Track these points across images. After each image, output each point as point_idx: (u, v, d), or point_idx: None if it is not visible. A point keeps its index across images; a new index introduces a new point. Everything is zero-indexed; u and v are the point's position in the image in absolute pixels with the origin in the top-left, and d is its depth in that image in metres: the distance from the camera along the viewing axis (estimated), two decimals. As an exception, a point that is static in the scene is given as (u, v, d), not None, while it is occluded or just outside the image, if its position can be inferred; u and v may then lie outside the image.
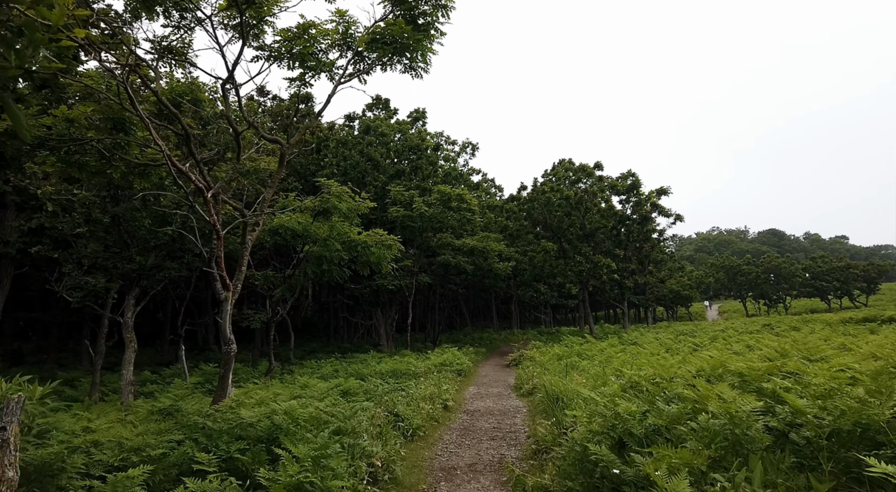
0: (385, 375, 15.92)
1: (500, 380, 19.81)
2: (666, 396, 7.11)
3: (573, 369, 16.09)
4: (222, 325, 8.48)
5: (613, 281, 34.88)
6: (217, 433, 5.70)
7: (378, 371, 16.56)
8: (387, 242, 15.29)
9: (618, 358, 17.90)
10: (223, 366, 8.43)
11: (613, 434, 5.03)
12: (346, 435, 6.15)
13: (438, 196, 26.66)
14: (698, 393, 5.31)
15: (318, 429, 5.94)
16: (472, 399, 14.94)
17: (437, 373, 17.37)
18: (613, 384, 10.07)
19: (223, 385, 8.34)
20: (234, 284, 8.92)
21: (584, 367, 16.15)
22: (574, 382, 12.34)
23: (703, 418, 4.47)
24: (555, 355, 20.15)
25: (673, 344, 21.04)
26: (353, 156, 28.53)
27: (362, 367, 17.89)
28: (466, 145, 38.53)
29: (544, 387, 11.28)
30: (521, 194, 35.27)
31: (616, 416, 5.18)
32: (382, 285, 27.13)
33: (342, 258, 14.64)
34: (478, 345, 35.00)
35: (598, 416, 5.59)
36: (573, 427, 7.98)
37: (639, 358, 16.20)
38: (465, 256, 29.45)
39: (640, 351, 19.04)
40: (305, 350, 34.15)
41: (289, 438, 5.48)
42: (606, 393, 7.09)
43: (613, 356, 18.61)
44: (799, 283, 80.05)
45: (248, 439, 5.64)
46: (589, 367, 16.14)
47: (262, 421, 5.97)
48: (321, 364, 22.33)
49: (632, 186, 35.24)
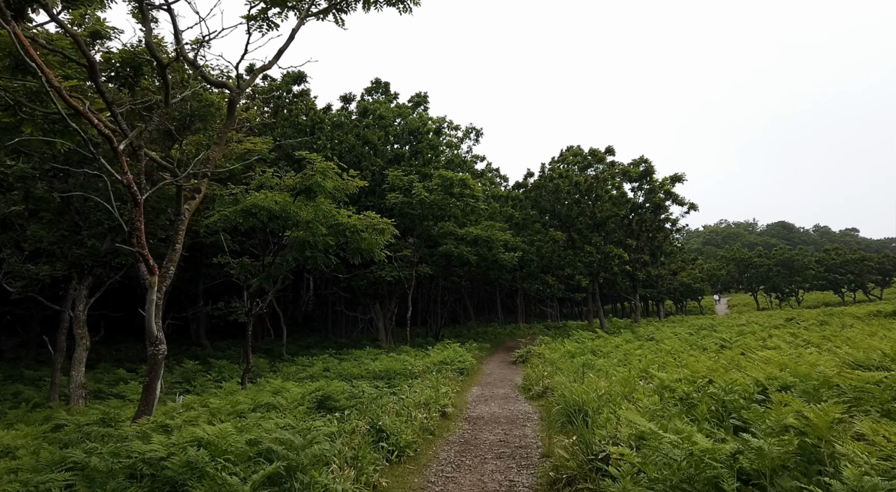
0: (377, 375, 14.20)
1: (506, 379, 18.09)
2: (732, 411, 5.34)
3: (589, 368, 14.33)
4: (147, 319, 6.73)
5: (625, 273, 33.06)
6: (101, 475, 4.00)
7: (370, 371, 14.85)
8: (379, 225, 13.52)
9: (637, 356, 16.12)
10: (148, 373, 6.65)
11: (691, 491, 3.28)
12: (299, 470, 4.44)
13: (440, 181, 24.87)
14: (806, 419, 3.56)
15: (252, 467, 4.23)
16: (475, 403, 13.21)
17: (436, 373, 15.65)
18: (649, 393, 8.32)
19: (147, 397, 6.61)
20: (165, 266, 7.19)
21: (602, 366, 14.39)
22: (594, 385, 10.59)
23: (851, 473, 2.72)
24: (566, 352, 18.40)
25: (696, 340, 19.24)
26: (349, 139, 26.74)
27: (354, 366, 16.19)
28: (470, 131, 36.66)
29: (563, 396, 9.51)
30: (527, 181, 33.40)
31: (695, 461, 3.42)
32: (381, 277, 25.41)
33: (328, 244, 12.91)
34: (482, 340, 33.28)
35: (654, 452, 3.85)
36: (603, 451, 6.22)
37: (663, 356, 14.43)
38: (468, 245, 27.67)
39: (661, 348, 17.26)
40: (301, 345, 32.52)
41: (204, 484, 3.78)
42: (681, 429, 5.30)
43: (632, 354, 16.83)
44: (812, 275, 77.91)
45: (147, 488, 3.94)
46: (606, 366, 14.37)
47: (175, 455, 4.26)
48: (313, 361, 20.70)
49: (644, 173, 33.31)
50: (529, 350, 23.94)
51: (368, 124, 27.94)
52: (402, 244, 26.87)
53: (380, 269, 25.67)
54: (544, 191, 32.41)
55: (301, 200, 12.46)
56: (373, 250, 14.20)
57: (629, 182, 33.24)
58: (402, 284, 27.08)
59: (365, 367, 15.57)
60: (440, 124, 29.94)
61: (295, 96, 27.50)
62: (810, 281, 78.71)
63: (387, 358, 18.36)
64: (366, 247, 14.10)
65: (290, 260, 12.61)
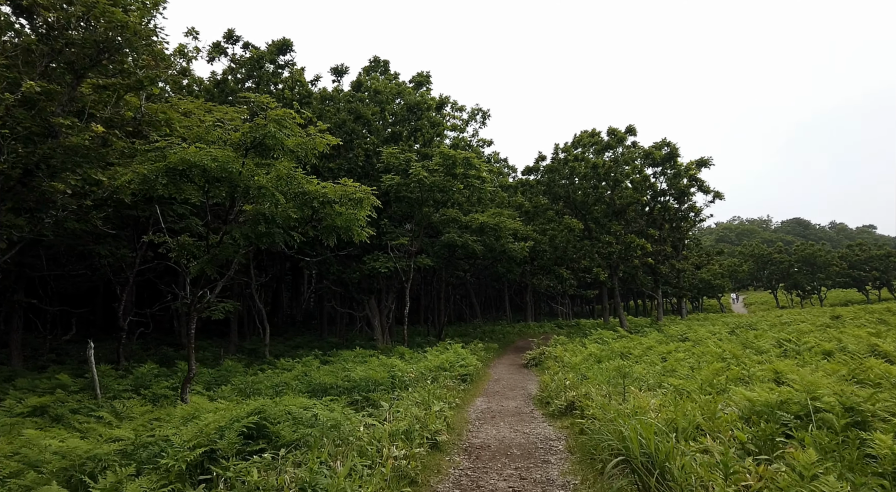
0: (356, 385, 11.28)
1: (517, 386, 15.12)
2: None
3: (624, 376, 11.33)
4: None
5: (646, 266, 29.95)
6: None
7: (351, 379, 11.93)
8: (355, 195, 10.59)
9: (682, 361, 13.09)
10: None
11: None
12: None
13: (441, 160, 21.90)
14: None
15: None
16: (480, 422, 10.27)
17: (431, 381, 12.70)
18: (734, 422, 5.36)
19: None
20: None
21: (640, 375, 11.39)
22: (640, 403, 7.61)
23: None
24: (590, 355, 15.41)
25: (745, 340, 16.14)
26: (341, 115, 23.82)
27: (332, 372, 13.28)
28: (476, 112, 33.58)
29: (602, 422, 6.51)
30: (538, 165, 30.32)
31: None
32: (374, 269, 22.48)
33: (290, 218, 10.02)
34: (488, 340, 30.31)
35: None
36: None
37: (716, 362, 11.41)
38: (473, 234, 24.70)
39: (707, 351, 14.21)
40: (290, 345, 29.68)
41: None
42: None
43: (671, 357, 13.79)
44: (836, 272, 74.27)
45: None
46: (647, 375, 11.36)
47: None
48: (293, 364, 17.93)
49: (668, 156, 30.17)
50: (543, 352, 20.97)
51: (362, 99, 25.00)
52: (399, 232, 23.96)
53: (373, 259, 22.76)
54: (558, 175, 29.34)
55: (253, 160, 9.56)
56: (350, 229, 11.24)
57: (652, 166, 30.09)
58: (399, 277, 24.16)
59: (346, 374, 12.65)
60: (443, 101, 26.92)
61: (279, 67, 24.62)
62: (833, 278, 75.07)
63: (376, 362, 15.44)
64: (341, 224, 11.15)
65: (238, 238, 9.71)
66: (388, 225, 23.83)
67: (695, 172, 30.72)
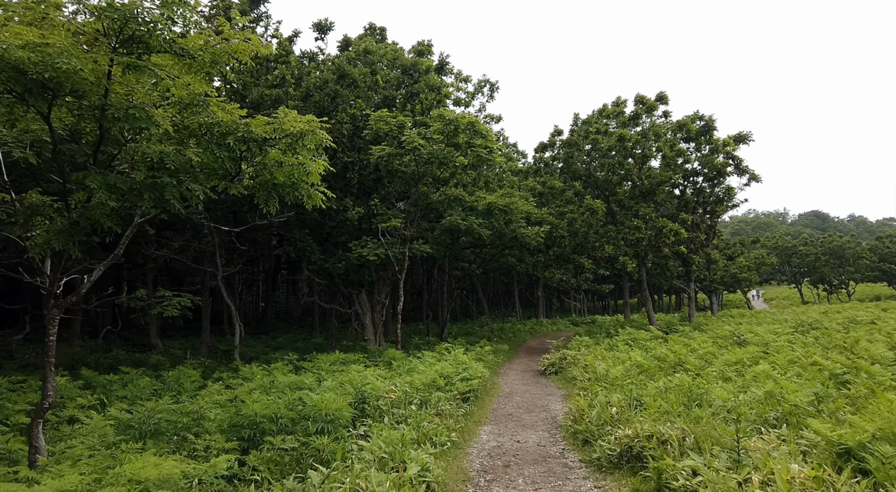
0: (307, 418, 7.59)
1: (537, 406, 11.44)
2: None
3: (704, 403, 7.63)
4: None
5: (678, 255, 26.09)
6: None
7: (295, 410, 8.23)
8: (299, 130, 6.94)
9: (761, 374, 9.33)
10: None
11: None
12: None
13: (441, 125, 18.18)
14: None
15: None
16: (485, 477, 6.66)
17: (419, 406, 9.05)
18: None
19: None
20: None
21: (725, 400, 7.66)
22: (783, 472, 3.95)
23: None
24: (635, 366, 11.65)
25: (836, 341, 12.37)
26: (324, 74, 20.13)
27: (274, 399, 9.63)
28: (483, 84, 29.69)
29: None
30: (554, 140, 26.48)
31: None
32: (362, 256, 18.84)
33: (188, 163, 6.44)
34: (497, 339, 26.62)
35: None
36: None
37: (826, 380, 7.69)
38: (479, 217, 21.00)
39: (794, 359, 10.44)
40: (271, 346, 26.12)
41: None
42: None
43: (750, 371, 10.00)
44: (866, 265, 69.91)
45: None
46: (738, 402, 7.63)
47: None
48: (254, 373, 14.38)
49: (704, 129, 26.24)
50: (564, 356, 17.28)
51: (350, 57, 21.27)
52: (391, 213, 20.30)
53: (361, 245, 19.12)
54: (577, 151, 25.51)
55: (122, 62, 5.94)
56: (297, 188, 7.60)
57: (687, 142, 26.16)
58: (393, 267, 20.52)
59: (300, 395, 8.96)
60: (443, 61, 23.11)
61: (251, 21, 20.97)
62: (863, 272, 70.70)
63: (352, 373, 11.77)
64: (284, 180, 7.51)
65: (100, 193, 6.09)
66: (380, 206, 20.19)
67: (733, 148, 26.78)
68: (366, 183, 21.26)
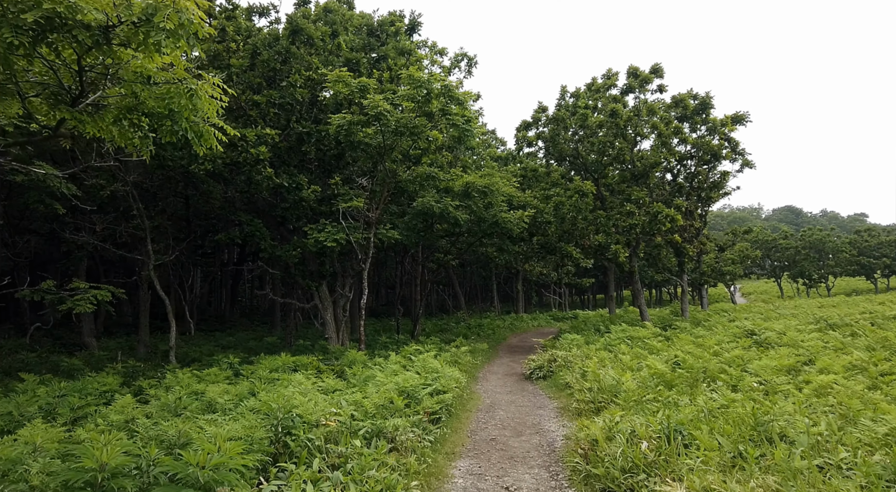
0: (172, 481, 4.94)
1: (527, 425, 8.93)
2: None
3: (774, 435, 5.21)
4: None
5: (671, 244, 23.90)
6: None
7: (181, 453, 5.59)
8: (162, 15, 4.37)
9: (824, 388, 7.01)
10: None
11: None
12: None
13: (411, 89, 15.55)
14: None
15: None
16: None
17: (366, 440, 6.47)
18: None
19: None
20: None
21: (813, 432, 5.26)
22: None
23: None
24: (655, 375, 9.18)
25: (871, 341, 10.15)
26: (274, 30, 17.26)
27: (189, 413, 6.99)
28: (460, 58, 26.98)
29: None
30: (539, 116, 23.99)
31: None
32: (319, 242, 16.10)
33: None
34: (475, 337, 24.17)
35: None
36: None
37: None
38: (456, 199, 18.45)
39: (840, 361, 8.15)
40: (221, 345, 23.24)
41: None
42: None
43: (820, 381, 7.67)
44: (846, 259, 69.40)
45: None
46: (827, 432, 5.23)
47: None
48: (181, 380, 11.73)
49: (701, 107, 24.09)
50: (554, 357, 14.85)
51: (307, 13, 18.45)
52: (353, 193, 17.59)
53: (317, 230, 16.39)
54: (563, 128, 23.06)
55: None
56: (175, 117, 4.98)
57: (681, 121, 23.94)
58: (356, 255, 17.83)
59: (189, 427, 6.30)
60: (414, 22, 20.43)
61: None
62: (843, 266, 70.23)
63: (293, 387, 9.13)
64: (155, 106, 4.87)
65: None
66: (341, 185, 17.48)
67: (730, 129, 24.69)
68: (325, 159, 18.50)
